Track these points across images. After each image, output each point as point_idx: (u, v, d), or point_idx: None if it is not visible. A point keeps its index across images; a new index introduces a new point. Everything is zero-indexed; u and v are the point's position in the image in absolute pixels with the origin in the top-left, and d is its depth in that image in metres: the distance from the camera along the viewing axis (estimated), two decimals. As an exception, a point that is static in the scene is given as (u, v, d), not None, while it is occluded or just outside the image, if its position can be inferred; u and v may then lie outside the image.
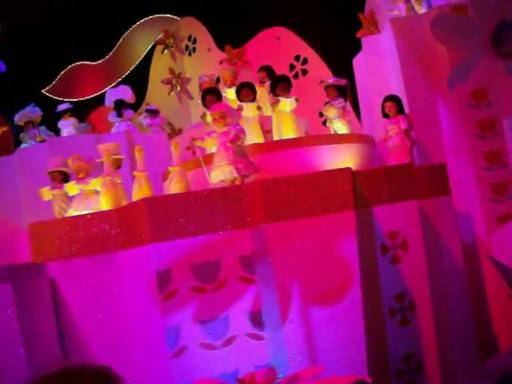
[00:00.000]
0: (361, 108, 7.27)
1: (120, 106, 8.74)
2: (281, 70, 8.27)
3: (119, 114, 8.74)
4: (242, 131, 4.82)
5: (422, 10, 6.86)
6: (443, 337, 5.04)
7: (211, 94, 5.52)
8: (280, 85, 5.54)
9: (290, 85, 5.65)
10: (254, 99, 5.55)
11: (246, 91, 5.53)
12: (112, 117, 8.89)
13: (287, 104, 5.46)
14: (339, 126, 6.27)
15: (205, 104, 5.66)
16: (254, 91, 5.59)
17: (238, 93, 5.61)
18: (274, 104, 5.46)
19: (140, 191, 5.27)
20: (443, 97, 6.05)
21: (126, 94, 8.93)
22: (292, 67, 8.95)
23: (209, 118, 5.27)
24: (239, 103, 5.50)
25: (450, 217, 5.33)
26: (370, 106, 6.75)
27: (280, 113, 5.46)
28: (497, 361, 4.25)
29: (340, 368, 4.42)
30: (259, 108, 5.57)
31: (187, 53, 10.19)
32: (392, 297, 4.83)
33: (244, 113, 5.36)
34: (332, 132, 6.29)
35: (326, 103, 6.45)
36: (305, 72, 8.88)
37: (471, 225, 5.87)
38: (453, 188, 5.52)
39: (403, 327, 4.88)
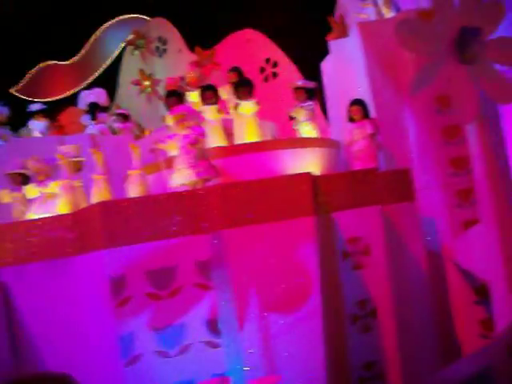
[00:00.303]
0: (328, 112, 7.23)
1: (94, 109, 8.66)
2: (251, 72, 8.21)
3: (93, 117, 8.64)
4: (203, 134, 4.74)
5: (390, 14, 6.85)
6: (406, 344, 4.99)
7: (173, 97, 5.43)
8: (241, 88, 5.48)
9: (251, 88, 5.59)
10: (216, 102, 5.48)
11: (208, 94, 5.46)
12: (85, 119, 8.79)
13: (247, 107, 5.40)
14: (307, 130, 6.23)
15: (167, 106, 5.57)
16: (216, 94, 5.52)
17: (201, 95, 5.53)
18: (235, 107, 5.40)
19: (99, 195, 5.17)
20: (410, 102, 6.02)
21: (101, 97, 8.88)
22: (262, 70, 8.89)
23: (169, 121, 5.18)
24: (201, 106, 5.42)
25: (414, 222, 5.30)
26: (338, 109, 6.70)
27: (241, 116, 5.40)
28: (452, 370, 4.21)
29: (299, 377, 4.36)
30: (220, 111, 5.50)
31: (158, 54, 10.07)
32: (354, 303, 4.78)
33: (206, 115, 5.28)
34: (299, 135, 6.25)
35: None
36: (275, 75, 8.83)
37: (436, 230, 5.84)
38: (418, 193, 5.49)
39: (365, 334, 4.83)
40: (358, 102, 5.79)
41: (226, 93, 6.50)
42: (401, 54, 5.96)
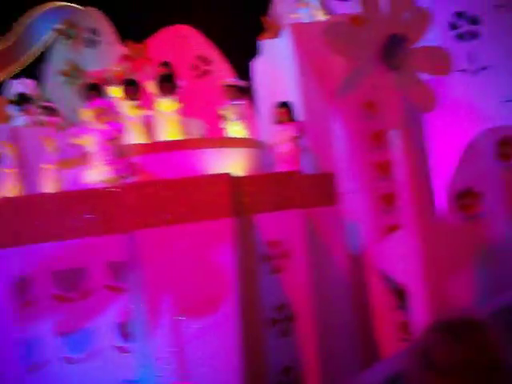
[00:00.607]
0: (258, 112, 7.14)
1: (23, 100, 8.26)
2: (183, 69, 8.03)
3: (22, 109, 8.24)
4: (121, 130, 4.54)
5: (323, 16, 6.85)
6: (325, 348, 4.97)
7: (92, 90, 5.18)
8: (163, 84, 5.30)
9: (173, 85, 5.42)
10: (138, 98, 5.27)
11: (130, 89, 5.25)
12: (12, 110, 8.37)
13: (167, 104, 5.22)
14: (237, 129, 6.14)
15: (86, 99, 5.32)
16: (139, 89, 5.32)
17: (123, 90, 5.32)
18: (155, 104, 5.22)
19: (10, 190, 4.89)
20: (338, 106, 6.02)
21: (30, 88, 8.48)
22: (195, 67, 8.72)
23: (86, 115, 4.95)
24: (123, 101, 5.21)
25: (337, 226, 5.29)
26: (267, 110, 6.62)
27: (162, 113, 5.22)
28: (369, 374, 4.21)
29: (214, 383, 4.24)
30: (141, 107, 5.30)
31: (89, 45, 9.70)
32: (272, 307, 4.71)
33: (126, 111, 5.08)
34: (228, 134, 6.15)
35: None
36: (208, 73, 8.68)
37: (359, 235, 5.86)
38: (343, 197, 5.48)
39: (283, 339, 4.77)
40: (284, 105, 5.73)
41: (154, 87, 6.30)
42: (331, 57, 5.94)
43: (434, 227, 5.23)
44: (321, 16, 6.93)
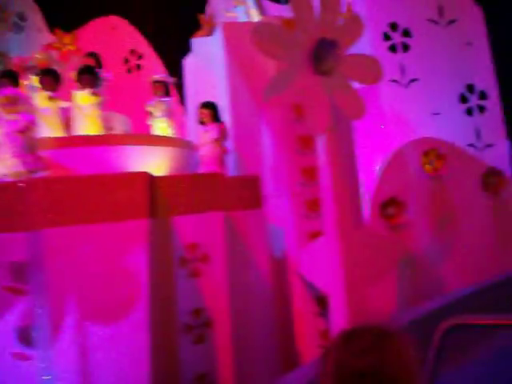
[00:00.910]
0: (187, 111, 6.98)
1: None
2: (115, 62, 7.77)
3: None
4: (33, 122, 4.26)
5: (257, 16, 6.77)
6: (242, 355, 4.85)
7: (5, 77, 4.84)
8: (81, 76, 5.03)
9: (93, 77, 5.15)
10: (55, 89, 4.98)
11: (46, 79, 4.94)
12: None
13: (84, 97, 4.97)
14: (162, 126, 5.96)
15: (-1, 87, 4.97)
16: (56, 80, 5.02)
17: (39, 80, 5.01)
18: (72, 97, 4.95)
19: None
20: (267, 108, 5.93)
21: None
22: (127, 61, 8.45)
23: (-5, 104, 4.62)
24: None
25: (259, 230, 5.18)
26: (196, 109, 6.47)
27: (79, 106, 4.95)
28: (285, 381, 4.14)
29: (120, 392, 4.03)
30: (54, 99, 5.01)
31: (15, 30, 9.22)
32: (188, 313, 4.54)
33: (40, 102, 4.78)
34: (153, 131, 5.95)
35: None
36: (139, 67, 8.43)
37: (282, 240, 5.79)
38: (268, 201, 5.39)
39: (198, 345, 4.61)
40: (207, 105, 5.60)
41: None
42: (262, 58, 5.85)
43: (356, 235, 5.22)
44: (255, 16, 6.85)
